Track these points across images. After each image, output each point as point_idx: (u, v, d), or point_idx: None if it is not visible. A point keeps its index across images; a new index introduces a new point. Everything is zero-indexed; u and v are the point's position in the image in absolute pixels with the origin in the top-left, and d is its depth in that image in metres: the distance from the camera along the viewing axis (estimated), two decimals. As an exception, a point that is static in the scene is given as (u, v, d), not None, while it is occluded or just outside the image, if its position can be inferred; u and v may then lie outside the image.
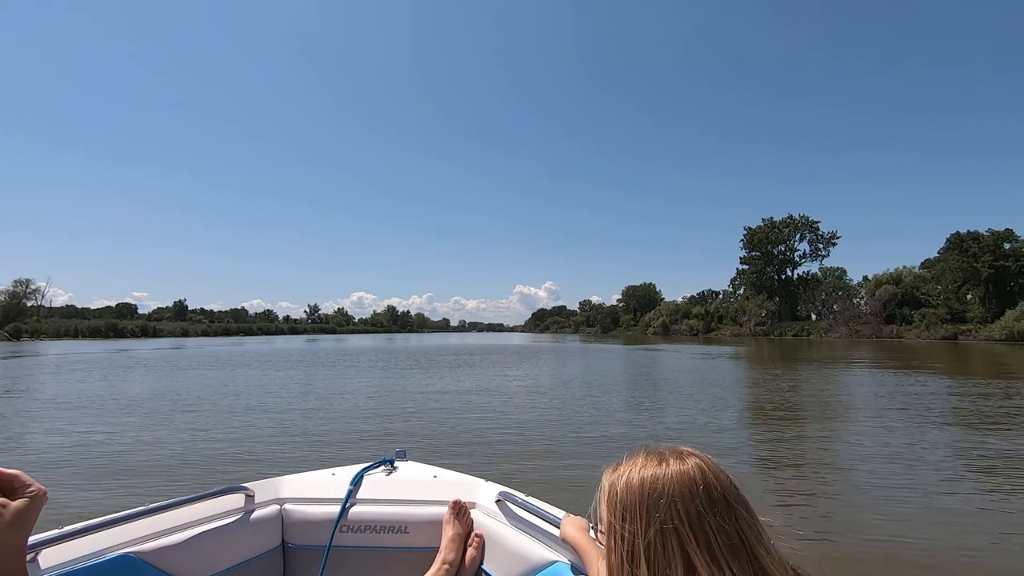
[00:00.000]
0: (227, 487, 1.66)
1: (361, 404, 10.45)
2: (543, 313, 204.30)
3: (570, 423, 8.35)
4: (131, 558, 1.37)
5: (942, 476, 5.32)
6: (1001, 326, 42.53)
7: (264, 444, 6.83)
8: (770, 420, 8.69)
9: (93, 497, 4.68)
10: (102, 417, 8.94)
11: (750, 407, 10.31)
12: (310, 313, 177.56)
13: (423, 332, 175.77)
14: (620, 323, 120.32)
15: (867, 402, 10.59)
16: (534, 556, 1.44)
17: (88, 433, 7.55)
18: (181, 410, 9.65)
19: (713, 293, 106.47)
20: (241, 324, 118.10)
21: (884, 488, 4.92)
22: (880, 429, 7.75)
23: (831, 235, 76.50)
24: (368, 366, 20.95)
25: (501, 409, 9.78)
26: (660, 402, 10.83)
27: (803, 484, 5.15)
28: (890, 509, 4.35)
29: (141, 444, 6.79)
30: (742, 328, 73.63)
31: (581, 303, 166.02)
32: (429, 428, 7.95)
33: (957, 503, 4.53)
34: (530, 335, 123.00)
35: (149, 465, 5.76)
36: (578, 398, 11.42)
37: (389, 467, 1.97)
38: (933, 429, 7.73)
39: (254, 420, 8.58)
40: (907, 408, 9.60)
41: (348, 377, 16.20)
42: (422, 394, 12.03)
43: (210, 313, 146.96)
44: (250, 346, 43.83)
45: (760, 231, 79.30)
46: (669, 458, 0.81)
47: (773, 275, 79.79)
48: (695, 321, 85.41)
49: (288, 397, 11.54)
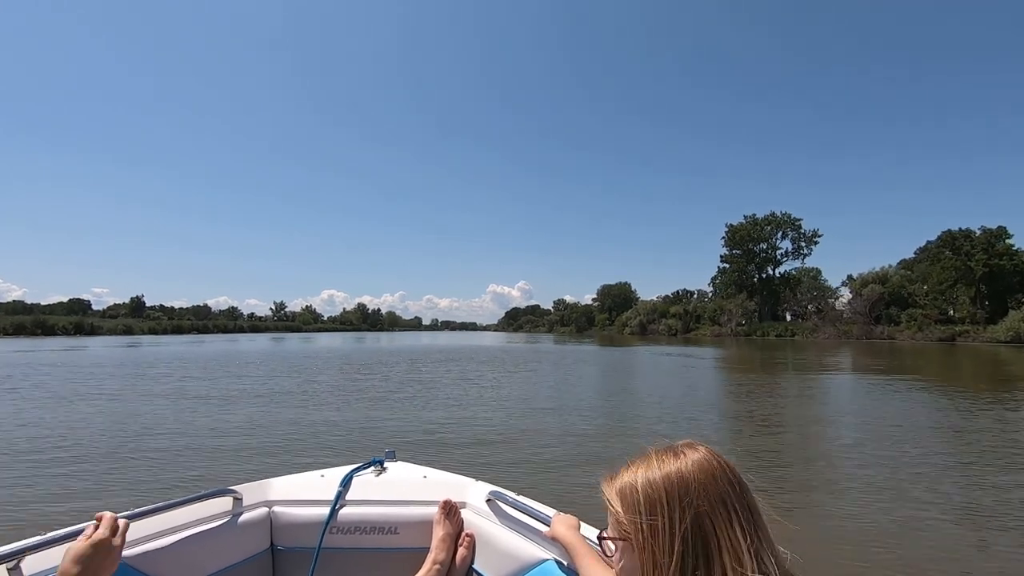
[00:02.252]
0: (214, 490, 1.63)
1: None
2: (516, 312, 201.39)
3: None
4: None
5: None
6: (1006, 327, 40.22)
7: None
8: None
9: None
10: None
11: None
12: (276, 310, 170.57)
13: (394, 331, 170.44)
14: (595, 323, 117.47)
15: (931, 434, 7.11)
16: (525, 555, 1.45)
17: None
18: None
19: (688, 293, 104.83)
20: (195, 322, 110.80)
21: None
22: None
23: (813, 233, 74.51)
24: (268, 377, 16.36)
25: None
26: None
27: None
28: None
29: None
30: (723, 328, 70.92)
31: (555, 302, 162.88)
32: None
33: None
34: (503, 334, 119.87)
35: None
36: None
37: (379, 468, 1.93)
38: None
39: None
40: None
41: (197, 406, 9.84)
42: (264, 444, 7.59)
43: (170, 310, 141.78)
44: (172, 348, 38.36)
45: (742, 228, 76.64)
46: (682, 451, 0.84)
47: (754, 274, 77.34)
48: (673, 321, 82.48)
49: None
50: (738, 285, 77.54)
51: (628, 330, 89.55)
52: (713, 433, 8.06)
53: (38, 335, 61.03)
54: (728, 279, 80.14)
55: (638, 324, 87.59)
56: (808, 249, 74.55)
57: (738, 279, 77.97)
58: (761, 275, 77.00)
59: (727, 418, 9.50)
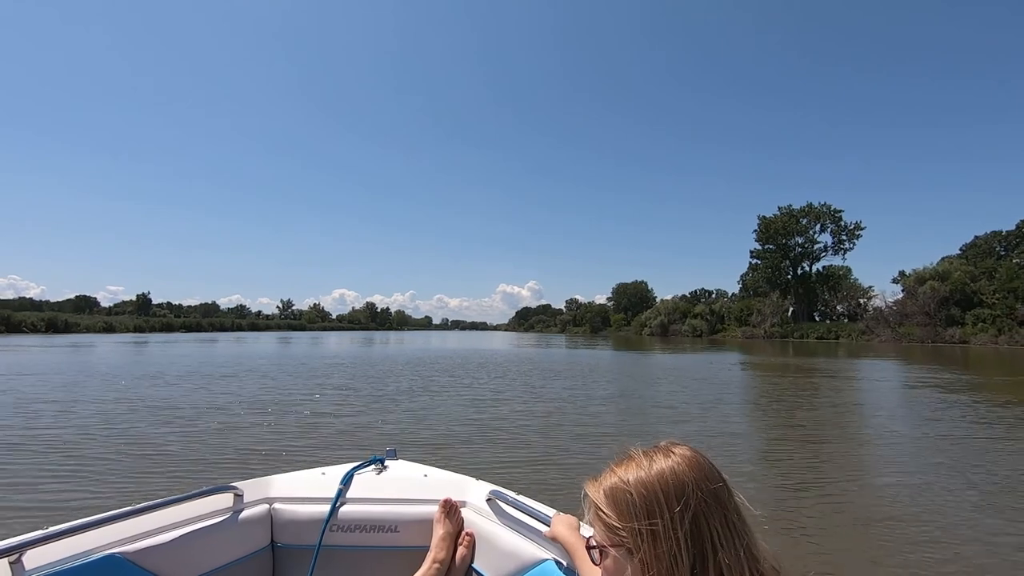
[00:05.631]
0: (215, 487, 1.62)
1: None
2: (527, 312, 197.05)
3: None
4: (117, 559, 1.34)
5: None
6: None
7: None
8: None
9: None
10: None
11: None
12: (283, 309, 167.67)
13: (403, 330, 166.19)
14: (611, 323, 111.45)
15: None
16: (525, 554, 1.44)
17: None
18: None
19: (706, 292, 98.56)
20: (186, 319, 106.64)
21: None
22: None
23: (855, 226, 67.27)
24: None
25: None
26: None
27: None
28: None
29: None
30: (755, 329, 64.51)
31: (567, 301, 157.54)
32: None
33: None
34: (514, 334, 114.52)
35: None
36: None
37: (379, 466, 1.92)
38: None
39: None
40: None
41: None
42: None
43: (178, 307, 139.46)
44: (106, 348, 33.23)
45: (777, 221, 69.58)
46: (670, 450, 0.81)
47: (789, 270, 70.68)
48: (698, 321, 76.17)
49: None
50: (771, 282, 70.84)
51: (647, 331, 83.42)
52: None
53: (2, 332, 55.86)
54: (759, 276, 73.38)
55: (658, 325, 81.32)
56: (850, 243, 67.50)
57: (771, 276, 71.27)
58: (796, 272, 70.29)
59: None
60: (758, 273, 73.70)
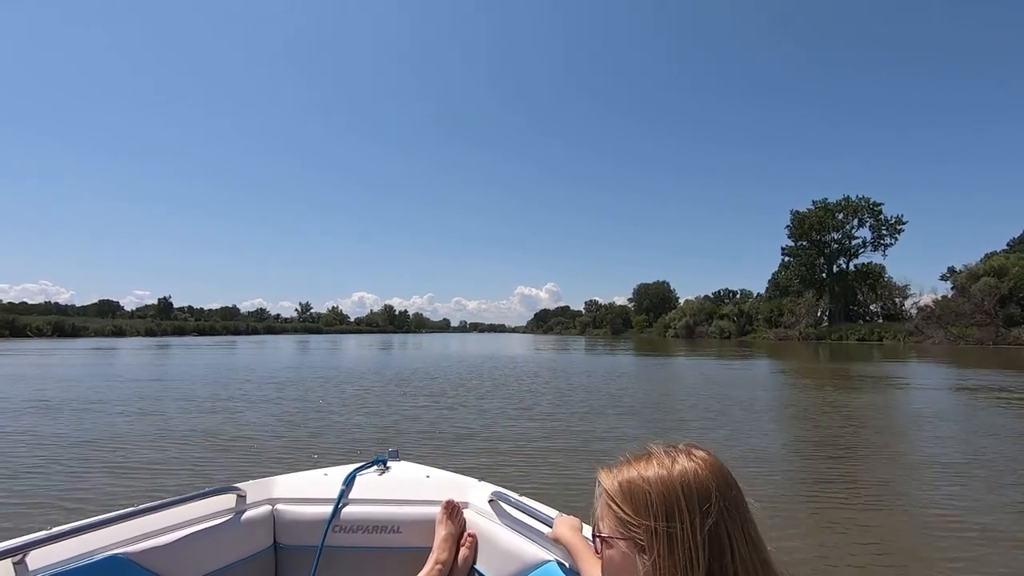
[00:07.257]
0: (218, 487, 1.62)
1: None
2: (546, 314, 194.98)
3: None
4: (121, 559, 1.34)
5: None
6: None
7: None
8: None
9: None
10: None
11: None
12: (301, 312, 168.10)
13: (421, 332, 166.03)
14: (633, 324, 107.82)
15: None
16: (527, 556, 1.44)
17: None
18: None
19: (731, 292, 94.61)
20: (203, 323, 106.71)
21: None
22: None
23: (896, 220, 62.70)
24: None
25: None
26: None
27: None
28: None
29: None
30: (788, 331, 60.50)
31: (587, 303, 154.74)
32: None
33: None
34: (532, 336, 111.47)
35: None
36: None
37: (382, 467, 1.91)
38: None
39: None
40: None
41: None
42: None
43: (199, 311, 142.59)
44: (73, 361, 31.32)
45: (812, 215, 65.09)
46: (691, 452, 0.79)
47: (824, 268, 66.32)
48: (726, 323, 72.31)
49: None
50: (805, 281, 66.58)
51: (672, 332, 79.82)
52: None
53: (6, 336, 54.81)
54: (792, 274, 69.08)
55: (684, 326, 77.68)
56: (892, 239, 62.82)
57: (805, 274, 67.00)
58: (832, 269, 65.94)
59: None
60: (791, 271, 69.30)
